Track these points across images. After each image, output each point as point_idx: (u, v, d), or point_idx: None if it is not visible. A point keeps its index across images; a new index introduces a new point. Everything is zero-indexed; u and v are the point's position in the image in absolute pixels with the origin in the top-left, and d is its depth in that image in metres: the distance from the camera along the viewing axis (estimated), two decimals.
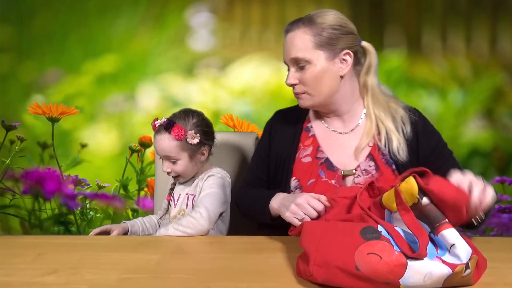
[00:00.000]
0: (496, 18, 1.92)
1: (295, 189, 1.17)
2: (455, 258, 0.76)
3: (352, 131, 1.20)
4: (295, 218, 1.03)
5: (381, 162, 1.14)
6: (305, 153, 1.20)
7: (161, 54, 1.92)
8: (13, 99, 1.94)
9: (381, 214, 0.88)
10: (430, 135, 1.18)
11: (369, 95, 1.18)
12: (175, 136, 1.24)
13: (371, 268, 0.74)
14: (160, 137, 1.26)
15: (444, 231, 0.77)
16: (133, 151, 1.92)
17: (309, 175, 1.17)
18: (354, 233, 0.80)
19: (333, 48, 1.13)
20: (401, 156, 1.13)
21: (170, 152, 1.26)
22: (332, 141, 1.20)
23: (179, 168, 1.27)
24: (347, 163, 1.16)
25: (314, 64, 1.12)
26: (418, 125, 1.17)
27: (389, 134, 1.15)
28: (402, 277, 0.74)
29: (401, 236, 0.78)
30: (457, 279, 0.77)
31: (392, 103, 1.18)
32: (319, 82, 1.14)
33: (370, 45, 1.19)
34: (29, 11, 1.90)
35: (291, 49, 1.15)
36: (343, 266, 0.77)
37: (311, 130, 1.23)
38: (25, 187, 1.91)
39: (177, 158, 1.26)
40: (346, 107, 1.19)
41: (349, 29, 1.15)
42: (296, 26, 1.15)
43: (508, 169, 1.95)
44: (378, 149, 1.15)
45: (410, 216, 0.80)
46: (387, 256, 0.74)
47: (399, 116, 1.16)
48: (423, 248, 0.75)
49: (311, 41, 1.12)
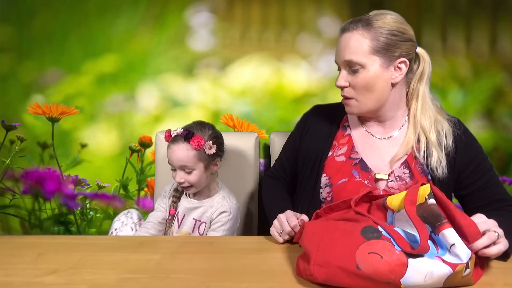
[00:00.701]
0: (496, 18, 1.92)
1: (325, 187, 1.16)
2: (455, 257, 0.76)
3: (390, 138, 1.17)
4: (275, 232, 1.06)
5: (416, 171, 1.12)
6: (340, 152, 1.18)
7: (161, 54, 1.92)
8: (13, 99, 1.94)
9: (382, 216, 0.88)
10: (469, 149, 1.14)
11: (418, 104, 1.13)
12: (194, 146, 1.26)
13: (372, 267, 0.74)
14: (177, 146, 1.27)
15: (444, 231, 0.77)
16: (133, 151, 1.92)
17: (342, 174, 1.15)
18: (354, 233, 0.80)
19: (390, 54, 1.08)
20: (439, 172, 1.10)
21: (187, 162, 1.27)
22: (368, 144, 1.18)
23: (193, 178, 1.29)
24: (381, 168, 1.14)
25: (368, 69, 1.08)
26: (460, 140, 1.13)
27: (430, 148, 1.11)
28: (403, 277, 0.74)
29: (402, 236, 0.78)
30: (458, 278, 0.77)
31: (439, 115, 1.14)
32: (370, 88, 1.09)
33: (425, 52, 1.13)
34: (29, 11, 1.90)
35: (346, 51, 1.09)
36: (344, 265, 0.77)
37: (347, 130, 1.21)
38: (25, 187, 1.91)
39: (193, 168, 1.28)
40: (390, 114, 1.16)
41: (409, 36, 1.10)
42: (354, 26, 1.09)
43: (508, 169, 1.95)
44: (415, 158, 1.12)
45: (414, 209, 0.80)
46: (388, 255, 0.74)
47: (443, 130, 1.12)
48: (424, 240, 0.75)
49: (368, 45, 1.07)
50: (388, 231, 0.79)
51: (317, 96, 1.90)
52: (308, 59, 1.90)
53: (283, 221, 1.05)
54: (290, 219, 1.04)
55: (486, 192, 1.13)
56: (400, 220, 0.84)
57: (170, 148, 1.30)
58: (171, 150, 1.29)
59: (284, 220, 1.05)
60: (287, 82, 1.91)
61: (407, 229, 0.81)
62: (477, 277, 0.82)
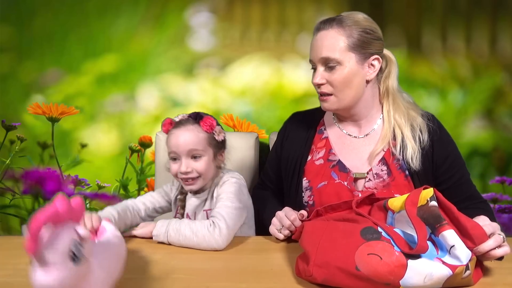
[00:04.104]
0: (496, 18, 1.92)
1: (306, 191, 1.18)
2: (455, 259, 0.76)
3: (367, 136, 1.19)
4: (275, 230, 1.06)
5: (394, 167, 1.14)
6: (318, 156, 1.20)
7: (161, 54, 1.92)
8: (13, 99, 1.94)
9: (383, 216, 0.88)
10: (445, 144, 1.17)
11: (390, 100, 1.18)
12: (206, 127, 1.14)
13: (371, 268, 0.74)
14: (185, 129, 1.13)
15: (444, 232, 0.77)
16: (133, 151, 1.92)
17: (320, 177, 1.17)
18: (354, 234, 0.80)
19: (364, 52, 1.12)
20: (414, 164, 1.12)
21: (197, 145, 1.13)
22: (346, 145, 1.20)
23: (201, 166, 1.13)
24: (359, 167, 1.16)
25: (345, 65, 1.11)
26: (435, 135, 1.15)
27: (405, 141, 1.14)
28: (402, 278, 0.74)
29: (401, 237, 0.78)
30: (457, 280, 0.77)
31: (411, 111, 1.17)
32: (348, 84, 1.12)
33: (391, 53, 1.19)
34: (29, 11, 1.90)
35: (323, 48, 1.12)
36: (343, 266, 0.77)
37: (324, 133, 1.23)
38: (25, 187, 1.91)
39: (202, 154, 1.14)
40: (365, 113, 1.19)
41: (379, 35, 1.15)
42: (329, 25, 1.12)
43: (508, 169, 1.95)
44: (392, 154, 1.15)
45: (415, 210, 0.80)
46: (387, 256, 0.74)
47: (417, 124, 1.15)
48: (422, 239, 0.75)
49: (344, 42, 1.10)
50: (387, 232, 0.79)
51: (317, 96, 1.90)
52: (308, 59, 1.90)
53: (282, 216, 1.06)
54: (288, 213, 1.06)
55: (460, 188, 1.15)
56: (400, 221, 0.84)
57: (173, 133, 1.14)
58: (175, 135, 1.13)
59: (283, 216, 1.06)
60: (287, 82, 1.91)
61: (407, 230, 0.81)
62: (477, 278, 0.82)
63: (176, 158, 1.14)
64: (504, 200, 1.89)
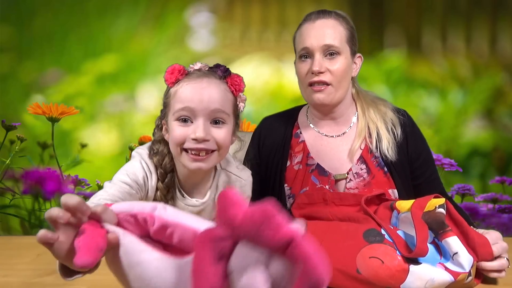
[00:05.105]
0: (496, 18, 1.92)
1: (288, 198, 1.15)
2: (458, 266, 0.75)
3: (344, 134, 1.17)
4: None
5: (372, 165, 1.12)
6: (297, 160, 1.17)
7: (161, 54, 1.92)
8: (13, 99, 1.94)
9: (388, 214, 0.87)
10: (418, 139, 1.17)
11: (361, 98, 1.18)
12: (233, 87, 0.88)
13: (372, 272, 0.74)
14: (208, 82, 0.86)
15: (448, 239, 0.76)
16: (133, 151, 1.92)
17: (301, 183, 1.14)
18: (357, 235, 0.79)
19: (354, 48, 1.13)
20: (390, 155, 1.11)
21: (224, 106, 0.85)
22: (323, 146, 1.17)
23: (223, 135, 0.85)
24: (338, 167, 1.13)
25: (344, 56, 1.10)
26: (408, 127, 1.16)
27: (380, 135, 1.13)
28: (403, 283, 0.73)
29: (402, 239, 0.78)
30: (459, 286, 0.76)
31: (381, 105, 1.18)
32: (345, 76, 1.11)
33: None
34: (29, 11, 1.90)
35: (325, 36, 1.09)
36: (344, 269, 0.76)
37: (300, 136, 1.19)
38: (25, 187, 1.91)
39: (226, 121, 0.86)
40: (344, 110, 1.17)
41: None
42: (328, 15, 1.12)
43: (508, 169, 1.94)
44: (370, 152, 1.13)
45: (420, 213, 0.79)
46: (389, 260, 0.74)
47: (389, 118, 1.15)
48: (421, 241, 0.74)
49: (344, 33, 1.10)
50: (391, 235, 0.78)
51: None
52: None
53: None
54: None
55: (430, 184, 1.15)
56: (404, 222, 0.83)
57: (191, 84, 0.86)
58: (195, 87, 0.85)
59: None
60: (287, 82, 1.91)
61: (410, 232, 0.80)
62: (478, 280, 0.81)
63: (188, 118, 0.85)
64: (504, 200, 1.89)
